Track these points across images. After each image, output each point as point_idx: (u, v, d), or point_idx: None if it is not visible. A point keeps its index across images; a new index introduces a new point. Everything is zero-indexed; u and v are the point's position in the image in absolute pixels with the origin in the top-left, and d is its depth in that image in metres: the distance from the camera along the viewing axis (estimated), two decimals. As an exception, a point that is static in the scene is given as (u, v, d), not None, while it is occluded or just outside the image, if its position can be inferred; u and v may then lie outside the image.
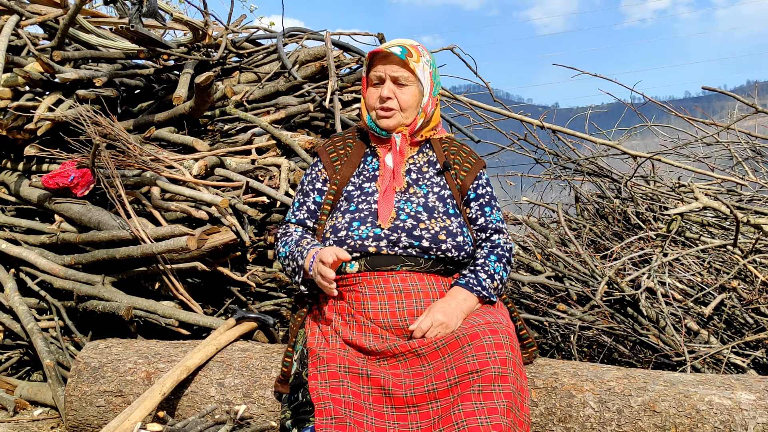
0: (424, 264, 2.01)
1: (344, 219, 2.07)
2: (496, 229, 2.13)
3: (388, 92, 2.07)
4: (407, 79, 2.08)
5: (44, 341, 2.71)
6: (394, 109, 2.09)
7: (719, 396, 1.90)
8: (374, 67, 2.11)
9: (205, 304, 2.92)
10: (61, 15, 3.50)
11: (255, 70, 3.86)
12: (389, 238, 2.00)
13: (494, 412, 1.68)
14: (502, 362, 1.76)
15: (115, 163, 2.87)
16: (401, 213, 2.04)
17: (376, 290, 1.98)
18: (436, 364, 1.82)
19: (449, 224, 2.05)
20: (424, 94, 2.11)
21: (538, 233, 3.86)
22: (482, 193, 2.16)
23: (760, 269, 3.00)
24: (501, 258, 2.07)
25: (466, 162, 2.18)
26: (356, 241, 2.01)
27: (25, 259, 2.98)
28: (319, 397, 1.77)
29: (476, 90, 5.00)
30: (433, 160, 2.18)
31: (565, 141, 4.35)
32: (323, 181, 2.20)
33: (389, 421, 1.79)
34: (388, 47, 2.08)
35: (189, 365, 2.18)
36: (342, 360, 1.85)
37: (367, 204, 2.08)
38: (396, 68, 2.07)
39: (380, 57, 2.09)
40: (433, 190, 2.12)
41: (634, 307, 2.96)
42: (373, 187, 2.12)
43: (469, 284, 1.99)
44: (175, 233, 2.65)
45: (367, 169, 2.18)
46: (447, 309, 1.91)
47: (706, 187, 3.90)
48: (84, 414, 2.27)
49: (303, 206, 2.19)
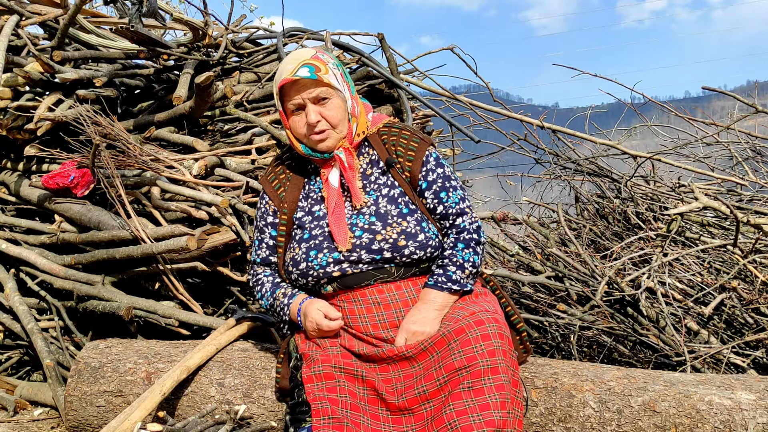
0: (396, 272, 1.94)
1: (301, 249, 1.99)
2: (458, 212, 2.00)
3: (315, 116, 1.94)
4: (327, 93, 1.95)
5: (44, 341, 2.71)
6: (327, 129, 1.96)
7: (719, 396, 1.90)
8: (288, 96, 1.97)
9: (205, 304, 2.92)
10: (61, 15, 3.50)
11: (255, 70, 3.85)
12: (350, 259, 1.92)
13: (486, 408, 1.67)
14: (491, 353, 1.73)
15: (115, 163, 2.87)
16: (355, 229, 1.95)
17: (353, 303, 1.95)
18: (425, 364, 1.81)
19: (406, 226, 1.94)
20: (346, 99, 1.99)
21: (538, 233, 3.86)
22: (433, 178, 2.01)
23: (760, 269, 3.00)
24: (469, 243, 1.97)
25: (409, 150, 2.02)
26: (317, 270, 1.95)
27: (25, 259, 2.98)
28: (315, 397, 1.77)
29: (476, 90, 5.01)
30: (375, 159, 2.05)
31: (565, 141, 4.35)
32: (273, 213, 2.09)
33: (384, 423, 1.79)
34: (293, 73, 1.92)
35: (189, 365, 2.18)
36: (337, 361, 1.84)
37: (320, 228, 1.99)
38: (312, 89, 1.94)
39: (290, 85, 1.95)
40: (381, 193, 2.01)
41: (634, 307, 2.96)
42: (323, 210, 2.02)
43: (438, 283, 1.92)
44: (175, 233, 2.65)
45: (313, 190, 2.08)
46: (418, 317, 1.88)
47: (706, 187, 3.90)
48: (84, 414, 2.27)
49: (262, 243, 2.11)
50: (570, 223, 4.02)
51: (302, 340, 1.99)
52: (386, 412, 1.81)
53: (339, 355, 1.87)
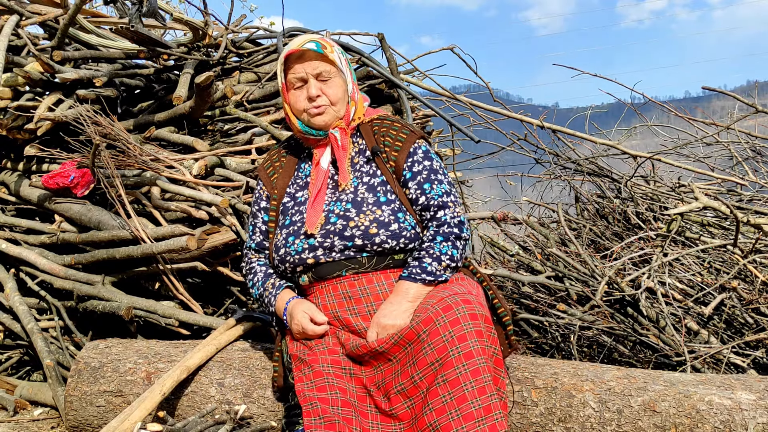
0: (368, 263, 1.92)
1: (282, 235, 2.01)
2: (439, 204, 1.96)
3: (316, 90, 1.97)
4: (330, 72, 1.99)
5: (44, 341, 2.71)
6: (325, 104, 1.99)
7: (719, 396, 1.90)
8: (292, 69, 2.00)
9: (205, 304, 2.92)
10: (61, 15, 3.50)
11: (255, 70, 3.85)
12: (323, 245, 1.92)
13: (463, 401, 1.65)
14: (461, 338, 1.69)
15: (115, 163, 2.87)
16: (331, 216, 1.95)
17: (327, 299, 1.95)
18: (401, 357, 1.79)
19: (379, 215, 1.92)
20: (347, 83, 2.03)
21: (538, 233, 3.86)
22: (418, 170, 1.98)
23: (760, 269, 3.00)
24: (448, 237, 1.92)
25: (397, 140, 2.02)
26: (293, 256, 1.96)
27: (25, 259, 2.98)
28: (305, 398, 1.77)
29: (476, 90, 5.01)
30: (362, 148, 2.06)
31: (565, 141, 4.35)
32: (266, 199, 2.12)
33: (373, 421, 1.79)
34: (301, 45, 1.97)
35: (189, 365, 2.18)
36: (325, 360, 1.84)
37: (299, 214, 2.01)
38: (316, 64, 1.98)
39: (295, 57, 1.99)
40: (362, 181, 2.00)
41: (634, 307, 2.96)
42: (305, 195, 2.04)
43: (412, 275, 1.89)
44: (175, 233, 2.65)
45: (300, 176, 2.10)
46: (389, 310, 1.86)
47: (706, 187, 3.90)
48: (84, 414, 2.27)
49: (255, 228, 2.13)
50: (570, 223, 4.02)
51: (290, 340, 2.00)
52: (374, 410, 1.81)
53: (326, 352, 1.87)
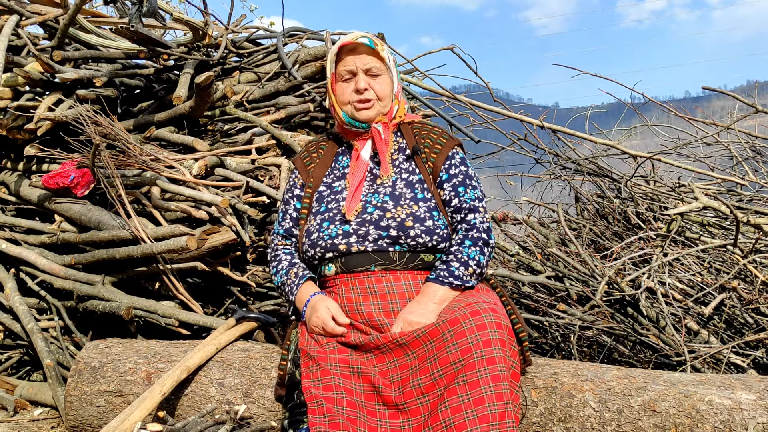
0: (399, 260, 1.97)
1: (316, 221, 2.06)
2: (471, 208, 2.03)
3: (364, 83, 2.05)
4: (379, 69, 2.06)
5: (44, 341, 2.71)
6: (372, 99, 2.06)
7: (719, 396, 1.90)
8: (343, 61, 2.07)
9: (205, 304, 2.92)
10: (61, 15, 3.50)
11: (255, 70, 3.86)
12: (358, 233, 1.98)
13: (480, 402, 1.66)
14: (486, 344, 1.71)
15: (115, 163, 2.87)
16: (368, 206, 2.01)
17: (351, 291, 1.97)
18: (419, 354, 1.80)
19: (416, 210, 1.99)
20: (394, 81, 2.11)
21: (538, 233, 3.86)
22: (455, 173, 2.07)
23: (760, 269, 3.00)
24: (476, 241, 1.99)
25: (437, 144, 2.11)
26: (326, 241, 2.00)
27: (25, 259, 2.98)
28: (311, 395, 1.78)
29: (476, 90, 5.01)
30: (402, 147, 2.14)
31: (565, 141, 4.35)
32: (300, 187, 2.18)
33: (381, 419, 1.79)
34: (355, 39, 2.04)
35: (189, 365, 2.18)
36: (333, 359, 1.85)
37: (336, 203, 2.07)
38: (368, 59, 2.05)
39: (348, 50, 2.06)
40: (401, 177, 2.07)
41: (634, 307, 2.96)
42: (342, 185, 2.10)
43: (440, 277, 1.94)
44: (175, 233, 2.64)
45: (337, 167, 2.17)
46: (416, 308, 1.89)
47: (706, 187, 3.90)
48: (84, 414, 2.27)
49: (286, 215, 2.18)
50: (570, 223, 4.02)
51: (302, 333, 2.00)
52: (383, 407, 1.80)
53: (336, 350, 1.88)
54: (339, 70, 2.08)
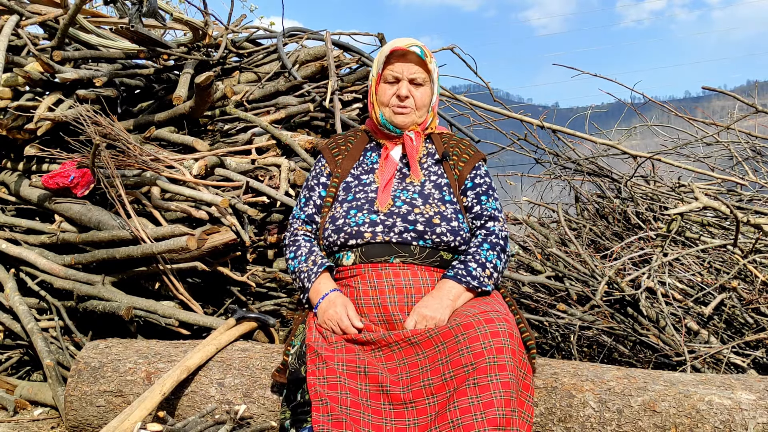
0: (419, 254, 2.02)
1: (342, 208, 2.12)
2: (491, 216, 2.13)
3: (406, 91, 2.13)
4: (424, 80, 2.15)
5: (44, 341, 2.71)
6: (410, 107, 2.16)
7: (719, 396, 1.90)
8: (391, 66, 2.15)
9: (205, 304, 2.92)
10: (61, 15, 3.49)
11: (255, 70, 3.85)
12: (385, 223, 2.03)
13: (490, 406, 1.67)
14: (498, 351, 1.74)
15: (115, 163, 2.87)
16: (397, 200, 2.09)
17: (368, 285, 2.00)
18: (430, 354, 1.81)
19: (444, 210, 2.08)
20: (434, 94, 2.20)
21: (538, 233, 3.86)
22: (479, 182, 2.19)
23: (760, 269, 3.00)
24: (494, 246, 2.06)
25: (465, 153, 2.23)
26: (353, 227, 2.05)
27: (25, 259, 2.98)
28: (316, 393, 1.78)
29: (476, 90, 5.00)
30: (432, 152, 2.24)
31: (565, 141, 4.34)
32: (327, 176, 2.25)
33: (386, 418, 1.79)
34: (407, 45, 2.12)
35: (189, 365, 2.18)
36: (340, 359, 1.85)
37: (364, 194, 2.14)
38: (415, 68, 2.13)
39: (398, 55, 2.14)
40: (430, 179, 2.17)
41: (634, 307, 2.96)
42: (371, 179, 2.18)
43: (458, 275, 1.99)
44: (175, 233, 2.64)
45: (366, 162, 2.24)
46: (431, 303, 1.93)
47: (706, 187, 3.90)
48: (84, 414, 2.27)
49: (309, 201, 2.24)
50: (570, 223, 4.02)
51: (310, 328, 2.01)
52: (389, 407, 1.81)
53: (343, 350, 1.88)
54: (385, 73, 2.16)
